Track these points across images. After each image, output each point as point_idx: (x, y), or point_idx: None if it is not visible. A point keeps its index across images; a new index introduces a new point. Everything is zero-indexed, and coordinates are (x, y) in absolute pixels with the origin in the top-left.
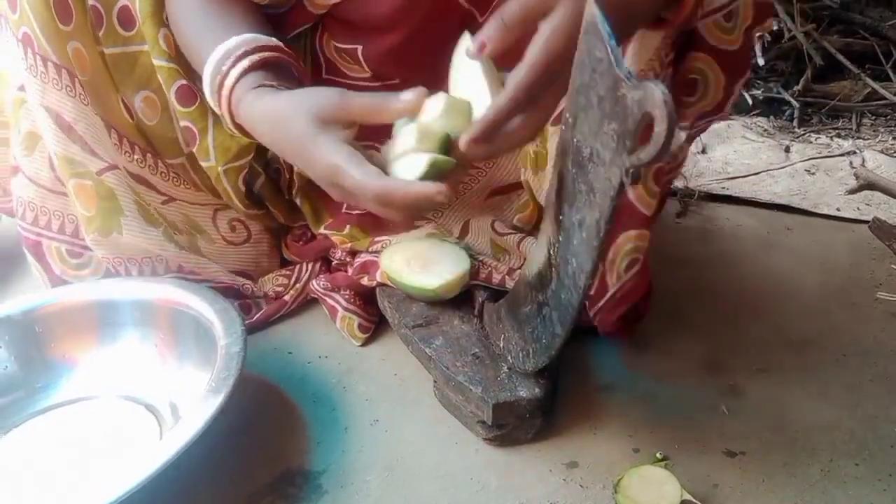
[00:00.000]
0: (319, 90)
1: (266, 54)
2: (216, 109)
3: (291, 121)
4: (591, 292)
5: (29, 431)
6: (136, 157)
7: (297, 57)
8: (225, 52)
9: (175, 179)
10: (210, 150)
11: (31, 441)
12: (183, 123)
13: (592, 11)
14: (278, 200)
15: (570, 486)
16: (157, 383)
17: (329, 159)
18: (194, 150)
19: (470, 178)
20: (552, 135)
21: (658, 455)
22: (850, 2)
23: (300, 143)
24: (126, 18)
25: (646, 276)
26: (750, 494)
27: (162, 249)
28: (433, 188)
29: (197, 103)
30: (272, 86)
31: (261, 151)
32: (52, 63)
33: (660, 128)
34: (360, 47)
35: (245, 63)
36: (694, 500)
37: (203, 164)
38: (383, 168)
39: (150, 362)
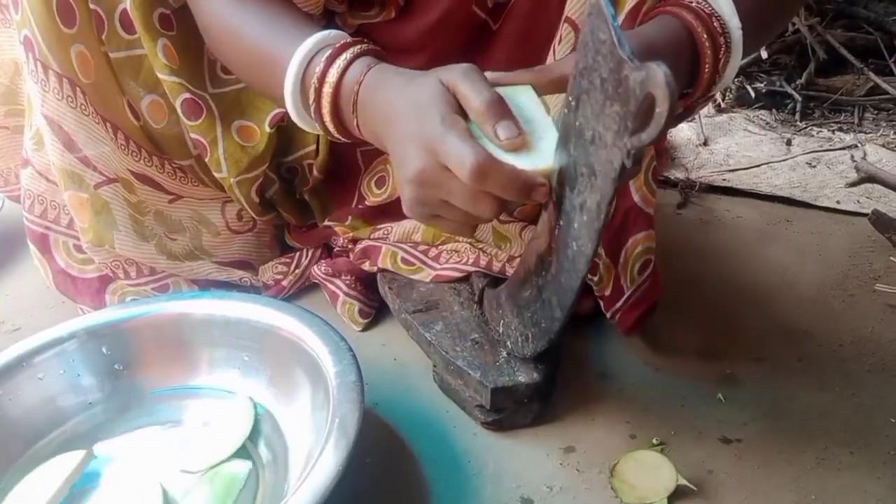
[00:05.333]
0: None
1: (365, 46)
2: (296, 110)
3: (425, 81)
4: (610, 291)
5: (107, 455)
6: (142, 157)
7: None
8: (314, 45)
9: (183, 179)
10: (221, 161)
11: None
12: (192, 135)
13: None
14: (289, 204)
15: (566, 470)
16: (244, 410)
17: (444, 119)
18: (206, 160)
19: None
20: None
21: (654, 441)
22: None
23: (420, 99)
24: (128, 22)
25: (658, 275)
26: (745, 481)
27: (153, 262)
28: (540, 178)
29: (204, 115)
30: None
31: (274, 158)
32: (53, 71)
33: (661, 108)
34: None
35: (348, 55)
36: (689, 485)
37: (216, 174)
38: None
39: (236, 387)
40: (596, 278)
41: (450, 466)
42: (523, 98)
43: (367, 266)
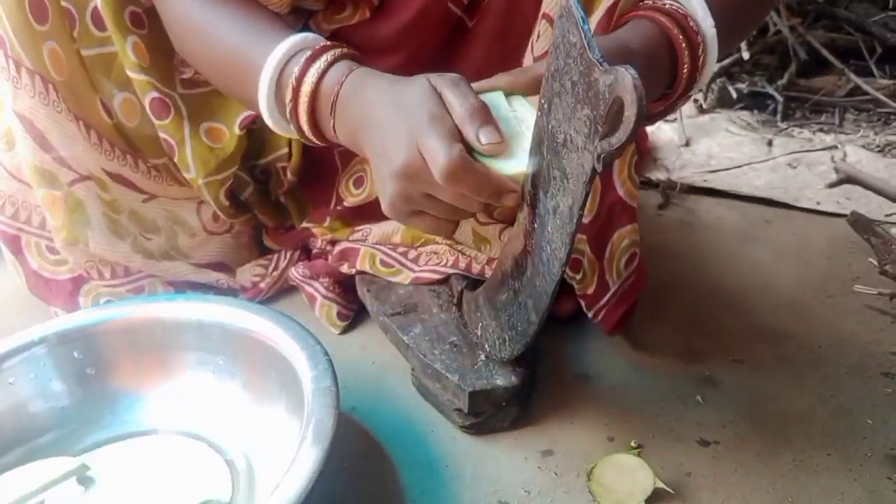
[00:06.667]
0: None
1: (345, 50)
2: (270, 111)
3: (413, 81)
4: (594, 288)
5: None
6: (116, 156)
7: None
8: (292, 46)
9: (157, 178)
10: (189, 162)
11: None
12: (161, 135)
13: None
14: (265, 206)
15: (544, 473)
16: (220, 416)
17: (432, 116)
18: (175, 160)
19: None
20: None
21: (633, 444)
22: None
23: (408, 96)
24: (99, 20)
25: (643, 270)
26: (722, 483)
27: (128, 261)
28: (510, 182)
29: (171, 115)
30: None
31: (247, 161)
32: (26, 68)
33: (629, 112)
34: None
35: (329, 56)
36: (667, 489)
37: (185, 174)
38: None
39: (210, 392)
40: (579, 276)
41: (427, 471)
42: (505, 104)
43: (345, 268)
